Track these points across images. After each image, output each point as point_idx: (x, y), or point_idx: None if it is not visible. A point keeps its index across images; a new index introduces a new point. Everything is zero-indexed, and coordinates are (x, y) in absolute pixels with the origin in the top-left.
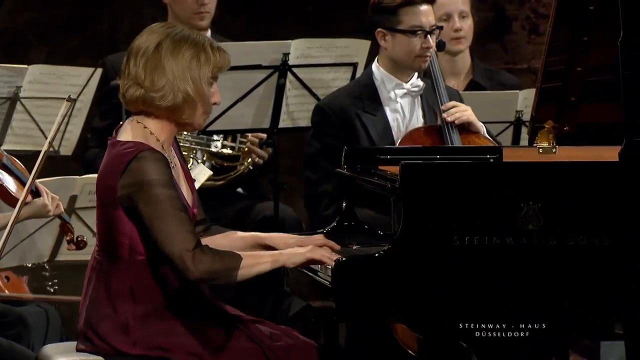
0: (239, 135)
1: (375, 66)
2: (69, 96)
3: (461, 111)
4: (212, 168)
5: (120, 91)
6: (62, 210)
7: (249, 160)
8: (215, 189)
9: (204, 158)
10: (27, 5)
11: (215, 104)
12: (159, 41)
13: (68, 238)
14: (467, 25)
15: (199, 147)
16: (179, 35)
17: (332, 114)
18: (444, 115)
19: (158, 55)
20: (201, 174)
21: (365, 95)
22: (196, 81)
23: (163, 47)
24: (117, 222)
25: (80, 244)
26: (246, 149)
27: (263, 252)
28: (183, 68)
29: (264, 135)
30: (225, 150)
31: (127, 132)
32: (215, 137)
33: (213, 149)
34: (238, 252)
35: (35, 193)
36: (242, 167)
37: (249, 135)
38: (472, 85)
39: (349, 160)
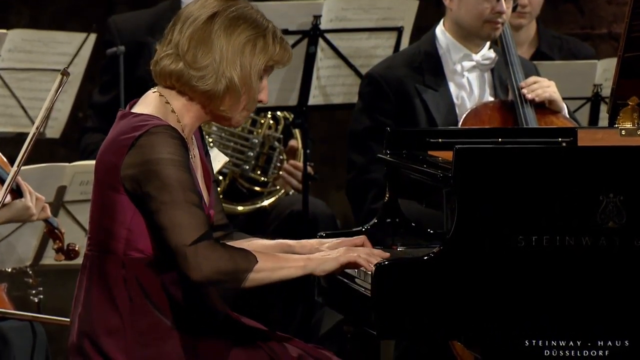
0: (274, 158)
1: (439, 30)
2: (64, 68)
3: (544, 87)
4: (236, 192)
5: (152, 58)
6: (49, 214)
7: (282, 191)
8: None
9: (227, 179)
10: None
11: (261, 102)
12: (214, 12)
13: (56, 247)
14: (536, 0)
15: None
16: (240, 12)
17: (387, 87)
18: (524, 91)
19: (209, 28)
20: (216, 159)
21: (427, 66)
22: (245, 69)
23: (217, 21)
24: (116, 208)
25: (70, 254)
26: (280, 175)
27: (288, 255)
28: (234, 50)
29: (301, 166)
30: (254, 175)
31: (145, 105)
32: (250, 152)
33: (243, 171)
34: (254, 252)
35: (17, 192)
36: (273, 198)
37: (287, 162)
38: (538, 56)
39: (392, 144)
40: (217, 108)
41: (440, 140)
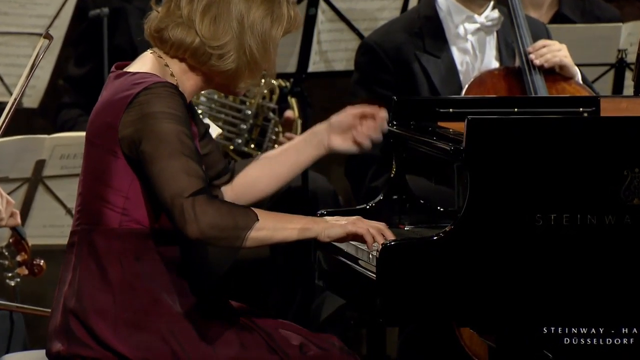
0: (269, 131)
1: None
2: (47, 32)
3: (553, 51)
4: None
5: (151, 25)
6: (19, 221)
7: None
8: None
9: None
10: None
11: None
12: None
13: (21, 259)
14: None
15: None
16: None
17: (384, 55)
18: (532, 56)
19: (226, 1)
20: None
21: (427, 30)
22: (266, 42)
23: None
24: (112, 174)
25: (35, 270)
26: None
27: (292, 215)
28: (255, 23)
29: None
30: (248, 149)
31: (141, 64)
32: (242, 125)
33: (235, 145)
34: (255, 210)
35: None
36: None
37: (283, 135)
38: (558, 19)
39: (399, 115)
40: (235, 85)
41: (451, 110)
